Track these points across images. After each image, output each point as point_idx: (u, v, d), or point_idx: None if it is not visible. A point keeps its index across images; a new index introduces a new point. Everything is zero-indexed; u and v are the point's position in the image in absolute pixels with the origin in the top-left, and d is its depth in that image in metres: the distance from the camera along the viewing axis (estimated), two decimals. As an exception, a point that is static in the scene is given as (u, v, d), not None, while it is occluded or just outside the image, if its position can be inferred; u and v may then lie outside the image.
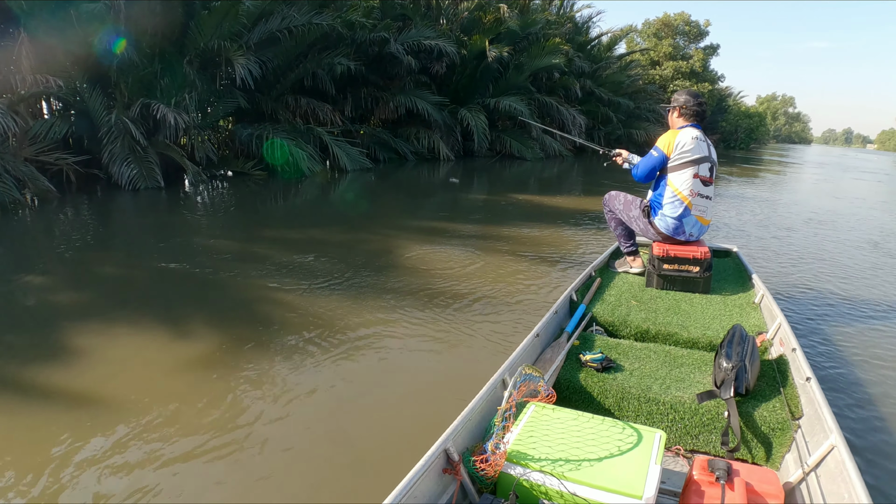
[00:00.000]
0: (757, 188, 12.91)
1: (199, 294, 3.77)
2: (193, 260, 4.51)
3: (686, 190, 2.95)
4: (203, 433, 2.11)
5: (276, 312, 3.39)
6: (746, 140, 42.08)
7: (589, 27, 22.12)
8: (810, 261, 5.43)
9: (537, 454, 1.40)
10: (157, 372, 2.62)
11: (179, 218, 6.71)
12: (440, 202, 8.55)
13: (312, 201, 8.57)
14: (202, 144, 10.71)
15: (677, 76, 36.04)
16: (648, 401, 1.89)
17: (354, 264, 4.45)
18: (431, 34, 14.21)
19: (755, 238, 6.43)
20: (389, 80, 14.95)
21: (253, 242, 5.40)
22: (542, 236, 5.94)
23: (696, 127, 3.02)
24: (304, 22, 11.25)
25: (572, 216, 7.29)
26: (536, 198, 9.24)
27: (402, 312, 3.42)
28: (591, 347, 2.21)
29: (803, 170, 22.40)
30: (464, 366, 2.83)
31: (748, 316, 2.59)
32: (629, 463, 1.37)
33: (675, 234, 3.03)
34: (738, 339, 2.02)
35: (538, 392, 1.72)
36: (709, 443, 1.83)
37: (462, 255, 4.88)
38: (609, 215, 3.36)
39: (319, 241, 5.41)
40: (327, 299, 3.62)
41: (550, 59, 16.29)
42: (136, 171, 8.76)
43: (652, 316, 2.58)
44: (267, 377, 2.57)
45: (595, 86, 20.98)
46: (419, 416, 2.30)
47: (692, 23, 38.17)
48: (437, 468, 1.41)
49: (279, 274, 4.15)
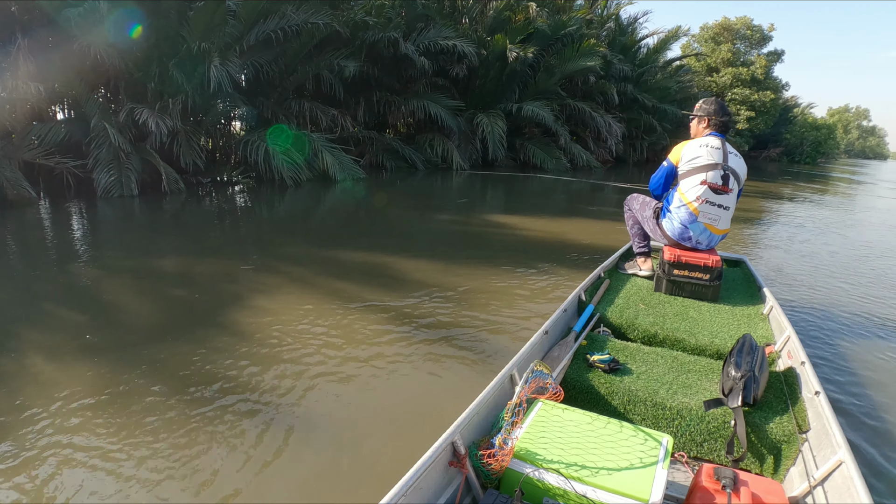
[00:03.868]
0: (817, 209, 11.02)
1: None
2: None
3: (692, 196, 2.94)
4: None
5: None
6: (813, 154, 38.68)
7: (635, 28, 20.41)
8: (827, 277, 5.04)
9: (544, 452, 1.40)
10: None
11: (104, 232, 5.81)
12: (390, 229, 7.01)
13: (280, 215, 7.55)
14: (190, 151, 10.00)
15: (736, 83, 33.52)
16: (655, 405, 1.87)
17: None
18: (451, 34, 13.07)
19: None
20: (406, 84, 13.96)
21: (156, 263, 4.36)
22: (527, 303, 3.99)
23: (718, 136, 3.01)
24: (301, 21, 10.36)
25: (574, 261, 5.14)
26: (545, 224, 7.72)
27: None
28: (599, 348, 2.21)
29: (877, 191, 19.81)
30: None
31: (756, 326, 2.57)
32: (636, 466, 1.37)
33: (681, 239, 3.03)
34: (748, 348, 1.99)
35: (546, 389, 1.71)
36: (713, 451, 1.81)
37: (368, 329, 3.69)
38: (627, 214, 3.43)
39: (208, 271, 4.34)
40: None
41: (585, 61, 14.81)
42: (113, 178, 8.36)
43: (660, 320, 2.57)
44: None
45: (639, 92, 19.25)
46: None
47: (755, 27, 35.47)
48: (443, 461, 1.40)
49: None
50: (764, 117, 33.64)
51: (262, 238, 5.75)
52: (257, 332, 3.02)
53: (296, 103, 11.78)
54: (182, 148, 9.76)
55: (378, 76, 13.20)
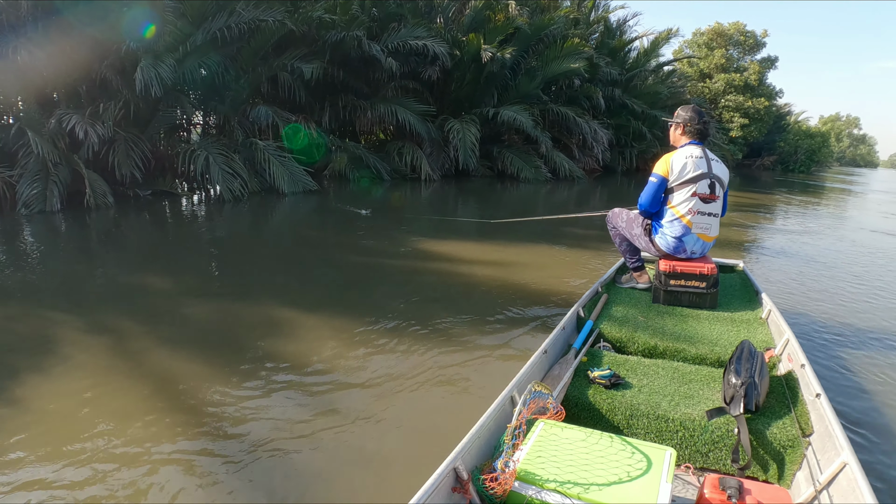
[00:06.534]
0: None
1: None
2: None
3: (685, 209, 2.94)
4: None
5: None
6: (807, 162, 37.84)
7: (624, 31, 19.53)
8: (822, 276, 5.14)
9: (547, 473, 1.40)
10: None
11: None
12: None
13: (194, 238, 6.52)
14: (127, 161, 9.04)
15: (730, 90, 32.79)
16: (658, 418, 1.86)
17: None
18: (423, 33, 12.12)
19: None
20: (376, 88, 12.99)
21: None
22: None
23: (697, 144, 3.01)
24: (251, 19, 9.39)
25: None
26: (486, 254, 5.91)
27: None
28: (599, 364, 2.18)
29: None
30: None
31: (756, 332, 2.57)
32: (640, 481, 1.37)
33: (676, 252, 3.01)
34: (747, 355, 1.98)
35: (547, 409, 1.71)
36: (719, 460, 1.79)
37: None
38: (613, 232, 3.38)
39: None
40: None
41: (569, 63, 13.87)
42: (36, 190, 7.49)
43: (659, 332, 2.54)
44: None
45: (628, 97, 18.34)
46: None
47: (748, 33, 34.76)
48: (445, 487, 1.39)
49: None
50: (758, 125, 32.96)
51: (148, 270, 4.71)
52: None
53: (252, 108, 10.79)
54: (118, 157, 8.81)
55: (344, 79, 12.24)
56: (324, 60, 11.31)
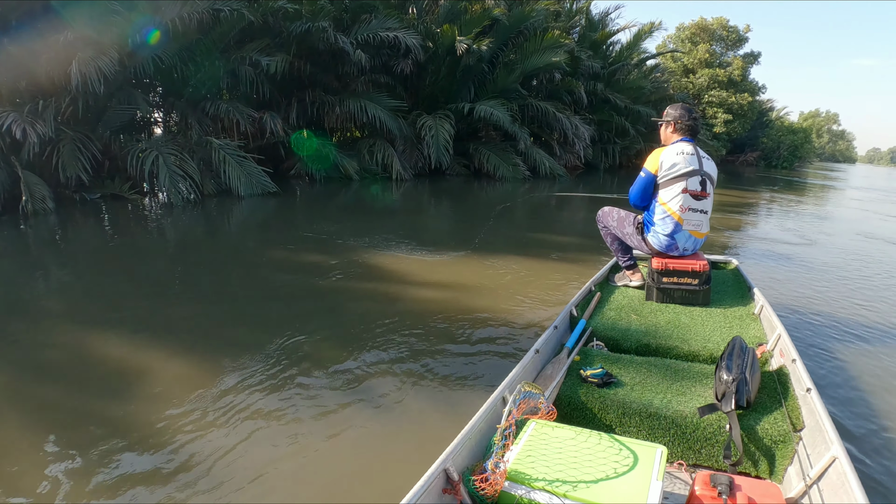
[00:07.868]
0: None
1: None
2: None
3: (675, 206, 2.92)
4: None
5: None
6: (790, 158, 37.78)
7: (606, 23, 19.06)
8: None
9: (538, 472, 1.39)
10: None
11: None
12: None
13: (129, 250, 5.91)
14: (73, 162, 8.35)
15: (714, 85, 32.53)
16: (650, 416, 1.84)
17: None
18: (395, 24, 11.51)
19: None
20: (346, 83, 12.36)
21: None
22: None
23: (688, 141, 2.99)
24: (207, 8, 8.73)
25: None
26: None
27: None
28: (592, 363, 2.16)
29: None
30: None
31: (748, 327, 2.56)
32: (630, 479, 1.36)
33: (668, 250, 3.01)
34: (738, 351, 1.97)
35: (538, 409, 1.69)
36: (711, 457, 1.79)
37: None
38: (604, 231, 3.35)
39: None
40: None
41: (549, 56, 13.34)
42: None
43: (652, 330, 2.54)
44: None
45: (610, 91, 17.88)
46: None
47: (731, 28, 34.54)
48: (436, 488, 1.38)
49: None
50: (741, 120, 32.79)
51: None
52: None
53: (211, 105, 10.13)
54: (63, 158, 8.12)
55: (311, 73, 11.60)
56: (289, 53, 10.69)
